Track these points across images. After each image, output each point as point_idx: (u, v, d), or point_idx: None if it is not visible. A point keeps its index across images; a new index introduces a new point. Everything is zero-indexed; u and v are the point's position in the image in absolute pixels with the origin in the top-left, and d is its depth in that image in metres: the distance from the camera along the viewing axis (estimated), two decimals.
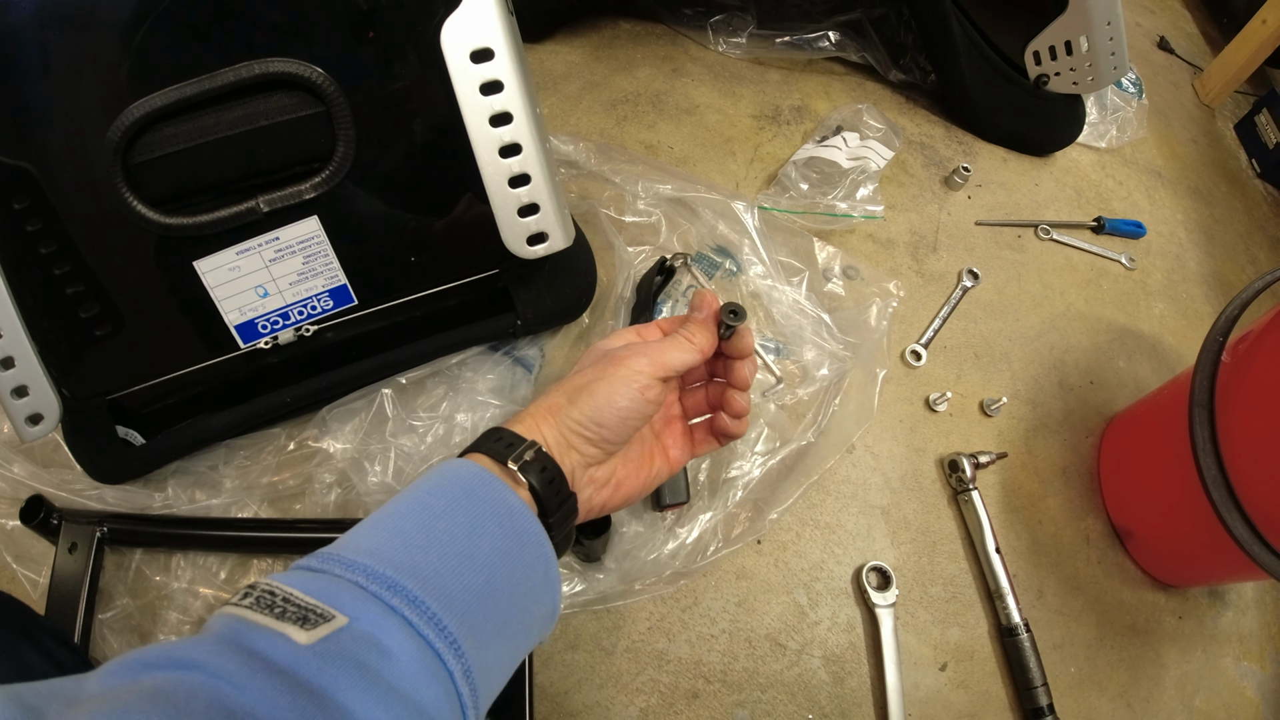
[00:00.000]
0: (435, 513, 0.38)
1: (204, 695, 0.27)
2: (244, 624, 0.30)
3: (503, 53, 0.54)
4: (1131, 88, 1.19)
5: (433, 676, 0.32)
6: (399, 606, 0.32)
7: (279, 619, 0.30)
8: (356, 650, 0.30)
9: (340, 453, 0.67)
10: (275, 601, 0.31)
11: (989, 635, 0.70)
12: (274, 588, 0.32)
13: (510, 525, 0.39)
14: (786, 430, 0.72)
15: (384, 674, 0.30)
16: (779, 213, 0.85)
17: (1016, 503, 0.77)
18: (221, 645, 0.29)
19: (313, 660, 0.29)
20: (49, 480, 0.63)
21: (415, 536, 0.36)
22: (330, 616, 0.31)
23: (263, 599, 0.32)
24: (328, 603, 0.31)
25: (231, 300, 0.59)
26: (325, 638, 0.30)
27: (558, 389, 0.47)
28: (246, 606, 0.31)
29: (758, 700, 0.63)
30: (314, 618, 0.30)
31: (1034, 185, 1.03)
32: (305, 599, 0.31)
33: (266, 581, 0.33)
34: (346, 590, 0.33)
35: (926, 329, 0.85)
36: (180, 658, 0.28)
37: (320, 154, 0.56)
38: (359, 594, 0.32)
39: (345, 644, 0.30)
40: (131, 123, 0.50)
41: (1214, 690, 0.73)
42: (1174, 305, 0.98)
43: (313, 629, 0.30)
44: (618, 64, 1.00)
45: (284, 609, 0.31)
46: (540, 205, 0.59)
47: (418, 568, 0.34)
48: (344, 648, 0.30)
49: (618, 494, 0.49)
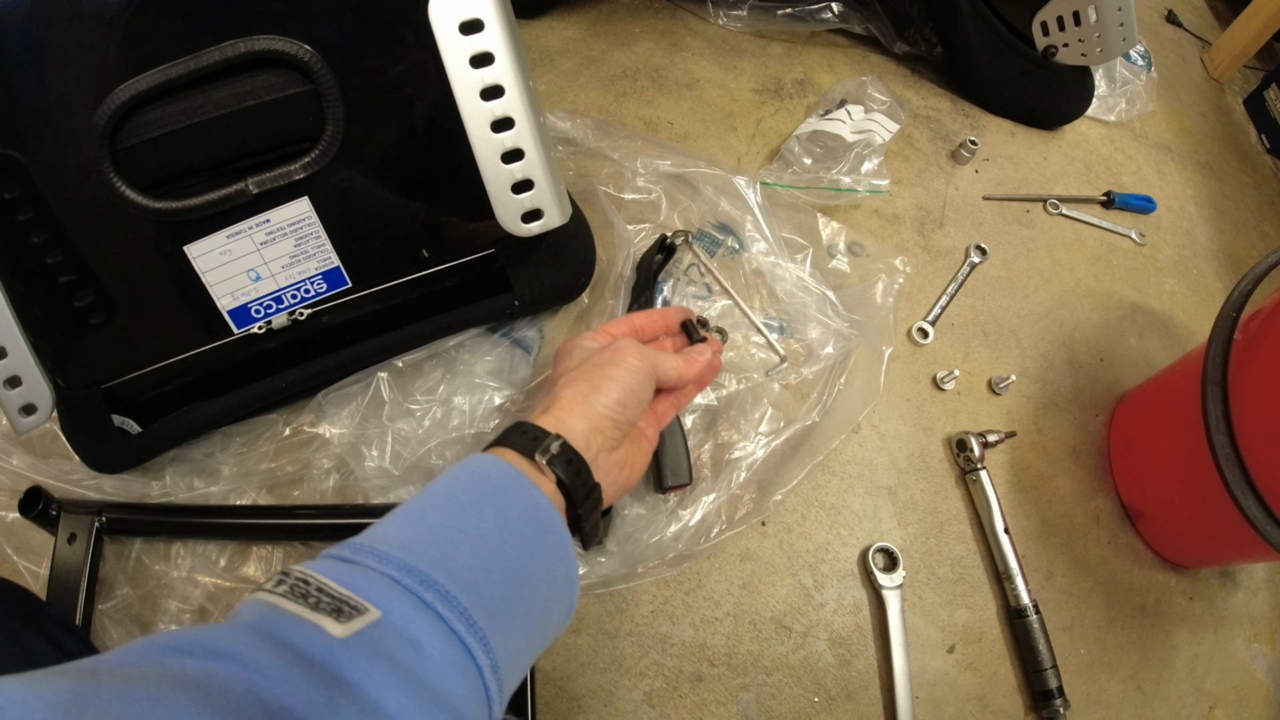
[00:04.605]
0: (465, 507, 0.38)
1: (239, 687, 0.26)
2: (278, 613, 0.30)
3: (493, 24, 0.53)
4: (1140, 60, 1.16)
5: (462, 672, 0.32)
6: (431, 601, 0.33)
7: (313, 609, 0.30)
8: (389, 644, 0.30)
9: (337, 438, 0.66)
10: (309, 591, 0.31)
11: (997, 617, 0.69)
12: (307, 576, 0.32)
13: (537, 522, 0.40)
14: (791, 410, 0.71)
15: (415, 668, 0.30)
16: (782, 188, 0.83)
17: (1025, 482, 0.76)
18: (256, 635, 0.29)
19: (347, 654, 0.29)
20: (47, 471, 0.63)
21: (446, 531, 0.37)
22: (364, 609, 0.31)
23: (296, 587, 0.31)
24: (361, 594, 0.31)
25: (224, 285, 0.58)
26: (359, 631, 0.30)
27: (572, 381, 0.49)
28: (281, 594, 0.31)
29: (763, 683, 0.63)
30: (347, 610, 0.30)
31: (1042, 159, 1.01)
32: (339, 590, 0.31)
33: (300, 569, 0.33)
34: (379, 583, 0.33)
35: (933, 306, 0.83)
36: (213, 646, 0.28)
37: (309, 133, 0.54)
38: (392, 587, 0.32)
39: (378, 637, 0.30)
40: (118, 106, 0.49)
41: (1224, 672, 0.72)
42: (1185, 281, 0.96)
43: (347, 621, 0.30)
44: (616, 39, 0.98)
45: (318, 599, 0.31)
46: (535, 181, 0.57)
47: (449, 562, 0.35)
48: (377, 641, 0.30)
49: (632, 474, 0.51)
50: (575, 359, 0.52)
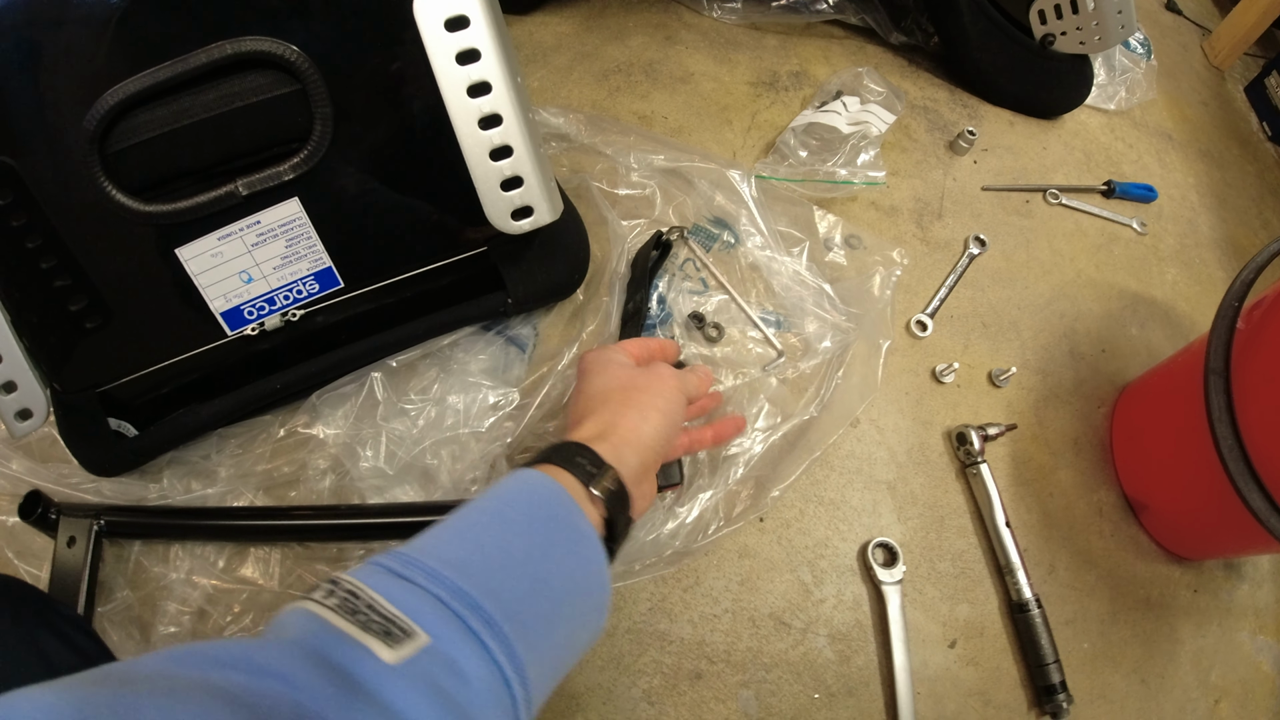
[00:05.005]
0: (516, 527, 0.39)
1: (286, 709, 0.26)
2: (327, 630, 0.30)
3: (479, 20, 0.52)
4: (1139, 48, 1.15)
5: (499, 703, 0.32)
6: (478, 629, 0.33)
7: (363, 629, 0.30)
8: (436, 673, 0.30)
9: (332, 438, 0.66)
10: (359, 607, 0.31)
11: (999, 611, 0.68)
12: (357, 589, 0.32)
13: (581, 553, 0.40)
14: (788, 405, 0.70)
15: (459, 699, 0.30)
16: (778, 181, 0.83)
17: (1026, 475, 0.75)
18: (304, 655, 0.29)
19: (397, 682, 0.29)
20: (47, 475, 0.63)
21: (495, 553, 0.37)
22: (413, 633, 0.31)
23: (347, 602, 0.31)
24: (411, 615, 0.31)
25: (216, 287, 0.58)
26: (409, 659, 0.30)
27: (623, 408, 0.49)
28: (331, 609, 0.31)
29: (762, 680, 0.62)
30: (397, 632, 0.30)
31: (1042, 149, 1.00)
32: (388, 608, 0.31)
33: (350, 581, 0.33)
34: (429, 604, 0.33)
35: (932, 298, 0.83)
36: (259, 662, 0.28)
37: (298, 134, 0.54)
38: (441, 610, 0.33)
39: (426, 665, 0.30)
40: (107, 110, 0.48)
41: (1229, 665, 0.71)
42: (1186, 271, 0.95)
43: (397, 646, 0.30)
44: (609, 33, 0.97)
45: (367, 617, 0.31)
46: (524, 178, 0.57)
47: (497, 589, 0.35)
48: (425, 670, 0.30)
49: (647, 504, 0.52)
50: (612, 377, 0.52)
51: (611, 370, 0.53)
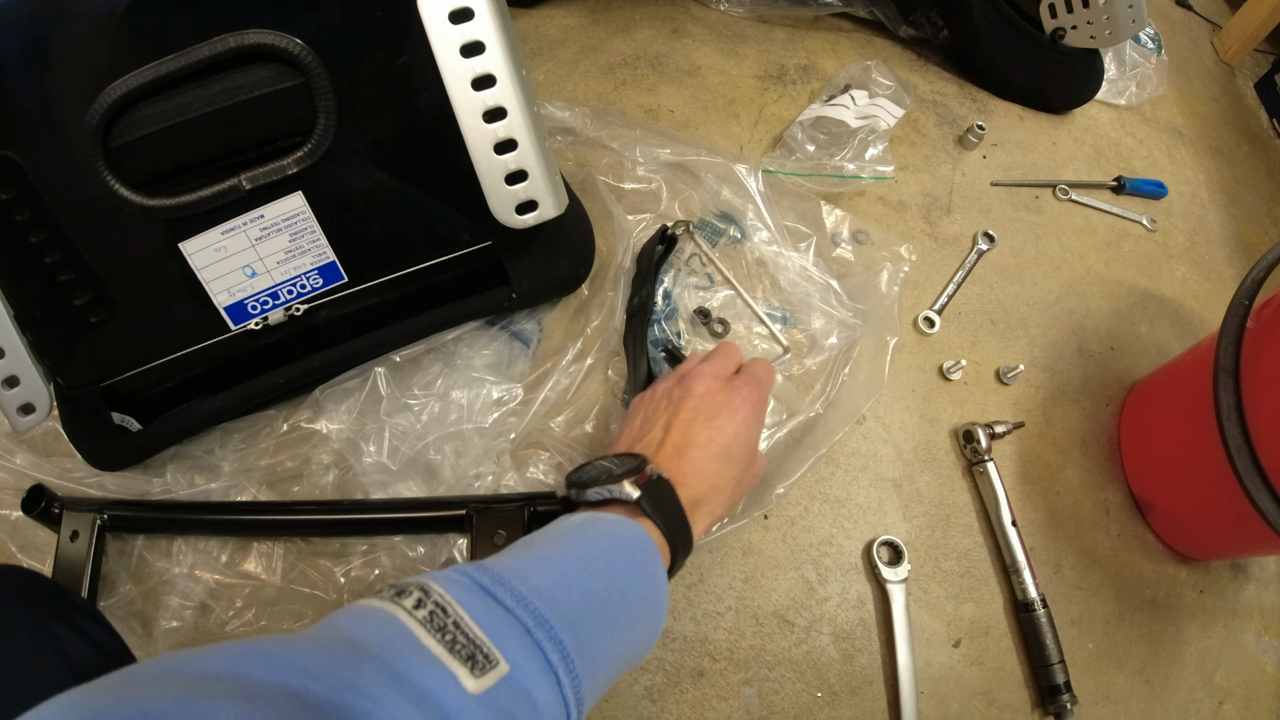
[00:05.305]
0: (599, 565, 0.40)
1: None
2: (412, 643, 0.31)
3: (483, 12, 0.51)
4: (1150, 43, 1.14)
5: None
6: (555, 664, 0.34)
7: (449, 650, 0.31)
8: (514, 706, 0.31)
9: (335, 433, 0.66)
10: (446, 625, 0.32)
11: (1004, 611, 0.68)
12: (446, 604, 0.33)
13: (651, 592, 0.42)
14: (794, 402, 0.70)
15: None
16: (785, 176, 0.82)
17: (1034, 474, 0.75)
18: (390, 676, 0.29)
19: (478, 712, 0.29)
20: (50, 470, 0.63)
21: (579, 587, 0.38)
22: (495, 661, 0.31)
23: (435, 616, 0.32)
24: (495, 641, 0.32)
25: (220, 281, 0.57)
26: (491, 689, 0.30)
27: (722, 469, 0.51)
28: (419, 621, 0.32)
29: (765, 678, 0.62)
30: (480, 659, 0.31)
31: (1051, 144, 0.99)
32: (475, 631, 0.32)
33: (440, 592, 0.33)
34: (513, 630, 0.33)
35: (940, 294, 0.82)
36: (344, 677, 0.28)
37: (301, 127, 0.53)
38: (524, 639, 0.33)
39: (505, 697, 0.31)
40: (110, 104, 0.48)
41: (1235, 666, 0.71)
42: (1196, 268, 0.94)
43: (480, 675, 0.30)
44: (615, 26, 0.96)
45: (454, 637, 0.31)
46: (529, 171, 0.56)
47: (576, 624, 0.36)
48: (504, 703, 0.31)
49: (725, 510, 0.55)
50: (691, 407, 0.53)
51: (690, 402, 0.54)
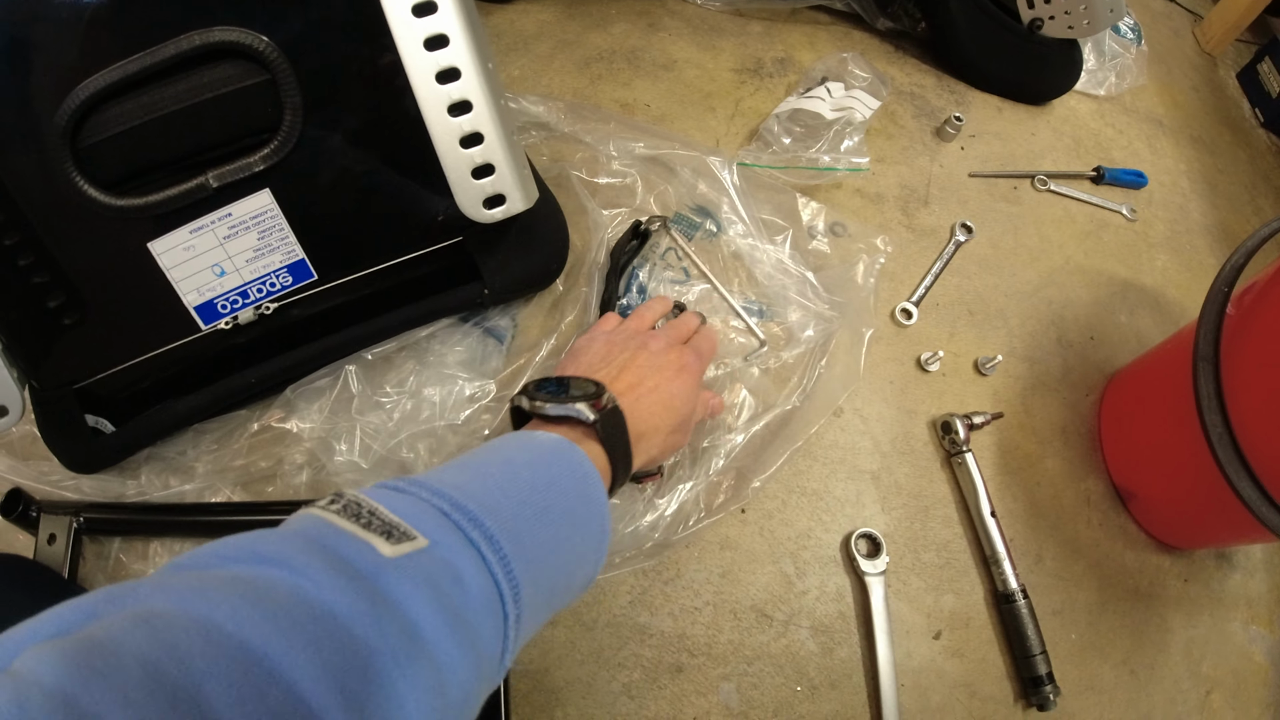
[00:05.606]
0: (518, 466, 0.40)
1: (285, 587, 0.27)
2: (330, 527, 0.31)
3: (446, 5, 0.51)
4: (1130, 33, 1.14)
5: (492, 614, 0.33)
6: (477, 540, 0.33)
7: (365, 528, 0.31)
8: (435, 573, 0.31)
9: (308, 432, 0.65)
10: (361, 512, 0.32)
11: (985, 602, 0.67)
12: (360, 500, 0.33)
13: (584, 491, 0.41)
14: (770, 395, 0.69)
15: (455, 600, 0.31)
16: (760, 169, 0.81)
17: (1013, 464, 0.74)
18: (305, 543, 0.29)
19: (394, 573, 0.29)
20: (28, 473, 0.62)
21: (499, 481, 0.38)
22: (413, 536, 0.31)
23: (350, 507, 0.32)
24: (411, 523, 0.32)
25: (189, 281, 0.56)
26: (407, 554, 0.30)
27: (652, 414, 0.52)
28: (334, 512, 0.32)
29: (744, 673, 0.61)
30: (397, 534, 0.31)
31: (1030, 135, 0.99)
32: (390, 516, 0.32)
33: (353, 493, 0.34)
34: (430, 514, 0.33)
35: (918, 286, 0.81)
36: (263, 552, 0.29)
37: (268, 124, 0.53)
38: (442, 520, 0.33)
39: (425, 564, 0.31)
40: (78, 105, 0.48)
41: (1221, 655, 0.70)
42: (1177, 257, 0.94)
43: (397, 544, 0.30)
44: (591, 20, 0.95)
45: (370, 520, 0.31)
46: (495, 165, 0.56)
47: (497, 509, 0.36)
48: (424, 568, 0.30)
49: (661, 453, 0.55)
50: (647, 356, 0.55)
51: None
